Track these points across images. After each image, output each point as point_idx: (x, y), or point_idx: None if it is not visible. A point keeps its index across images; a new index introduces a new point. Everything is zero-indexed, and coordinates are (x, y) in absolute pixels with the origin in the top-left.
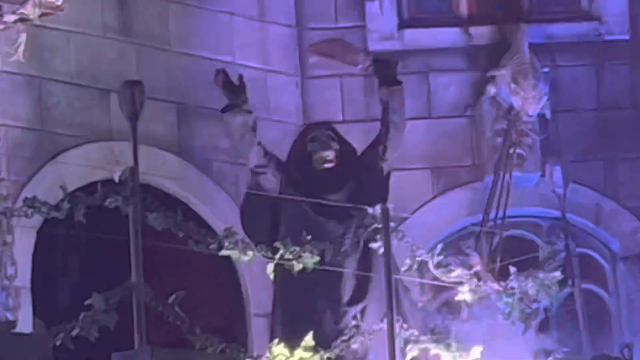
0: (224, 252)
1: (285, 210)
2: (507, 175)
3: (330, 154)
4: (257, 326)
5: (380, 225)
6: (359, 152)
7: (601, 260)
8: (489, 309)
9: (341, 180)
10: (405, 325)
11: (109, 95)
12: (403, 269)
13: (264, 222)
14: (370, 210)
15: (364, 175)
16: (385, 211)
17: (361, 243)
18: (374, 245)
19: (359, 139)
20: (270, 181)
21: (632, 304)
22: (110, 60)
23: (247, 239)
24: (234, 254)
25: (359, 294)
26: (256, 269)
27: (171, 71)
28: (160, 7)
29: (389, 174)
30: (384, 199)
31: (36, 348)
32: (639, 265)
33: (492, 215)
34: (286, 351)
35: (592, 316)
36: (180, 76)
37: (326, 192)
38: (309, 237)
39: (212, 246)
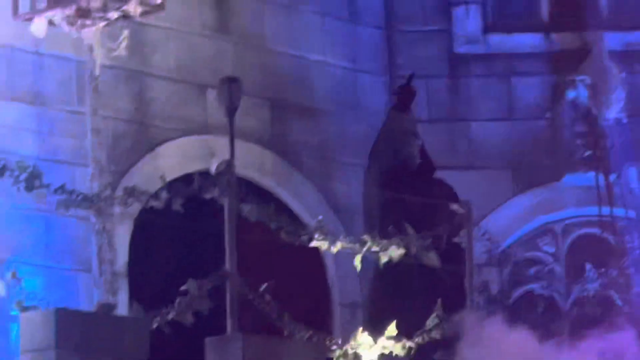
0: (314, 244)
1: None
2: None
3: (414, 149)
4: (342, 315)
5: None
6: None
7: None
8: None
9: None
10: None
11: (205, 91)
12: (483, 262)
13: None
14: (454, 206)
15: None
16: (468, 207)
17: (444, 238)
18: (456, 239)
19: (442, 137)
20: None
21: None
22: (207, 57)
23: (336, 232)
24: (323, 245)
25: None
26: (342, 261)
27: (265, 68)
28: (256, 7)
29: None
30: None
31: (134, 330)
32: None
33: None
34: (370, 339)
35: None
36: (274, 73)
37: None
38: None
39: (303, 237)
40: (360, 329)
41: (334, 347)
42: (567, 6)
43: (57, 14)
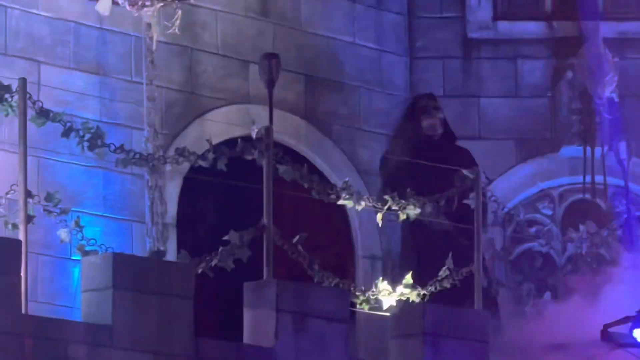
0: (341, 202)
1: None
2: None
3: (436, 122)
4: (365, 266)
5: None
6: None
7: None
8: None
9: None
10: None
11: (248, 66)
12: (490, 223)
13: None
14: (465, 171)
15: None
16: (477, 172)
17: (456, 200)
18: (467, 201)
19: (455, 111)
20: None
21: None
22: (250, 36)
23: (361, 191)
24: (349, 203)
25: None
26: (365, 217)
27: (301, 47)
28: None
29: None
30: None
31: (181, 274)
32: None
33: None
34: (389, 287)
35: None
36: (308, 52)
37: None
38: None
39: (332, 196)
40: (381, 278)
41: (358, 293)
42: None
43: None
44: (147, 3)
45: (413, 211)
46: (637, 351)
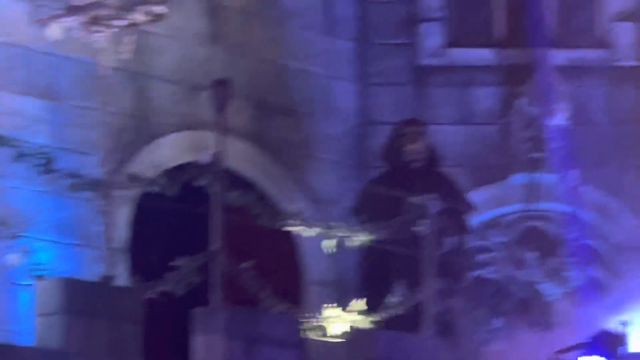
0: (290, 228)
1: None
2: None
3: (419, 147)
4: (313, 292)
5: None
6: None
7: (604, 250)
8: None
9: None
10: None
11: (198, 91)
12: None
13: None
14: (415, 199)
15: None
16: (428, 199)
17: (409, 227)
18: (418, 228)
19: None
20: None
21: (627, 288)
22: (201, 62)
23: (311, 218)
24: (299, 229)
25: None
26: (314, 243)
27: (252, 74)
28: (245, 19)
29: None
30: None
31: (131, 300)
32: (636, 256)
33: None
34: (339, 313)
35: (595, 297)
36: (259, 78)
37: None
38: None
39: (281, 222)
40: (330, 304)
41: (307, 319)
42: (519, 25)
43: (73, 21)
44: (100, 29)
45: (365, 237)
46: None
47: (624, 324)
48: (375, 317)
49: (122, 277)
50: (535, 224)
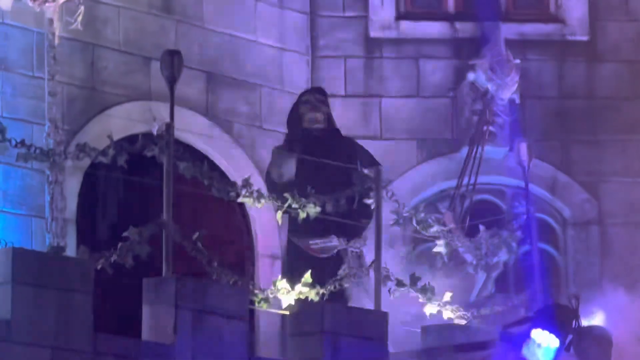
0: (241, 200)
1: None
2: (479, 149)
3: (319, 116)
4: (264, 264)
5: (373, 184)
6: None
7: (554, 225)
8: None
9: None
10: (390, 271)
11: (150, 62)
12: (390, 222)
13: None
14: (365, 170)
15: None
16: (378, 171)
17: (356, 198)
18: (367, 201)
19: (357, 110)
20: None
21: (577, 264)
22: (152, 33)
23: (262, 189)
24: (249, 201)
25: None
26: (265, 215)
27: (203, 44)
28: None
29: None
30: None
31: (81, 270)
32: (585, 231)
33: (465, 181)
34: (288, 286)
35: (544, 271)
36: (210, 49)
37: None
38: (313, 191)
39: (232, 194)
40: (280, 276)
41: (257, 291)
42: None
43: None
44: None
45: (313, 209)
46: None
47: (576, 298)
48: (323, 290)
49: (71, 247)
50: (485, 197)
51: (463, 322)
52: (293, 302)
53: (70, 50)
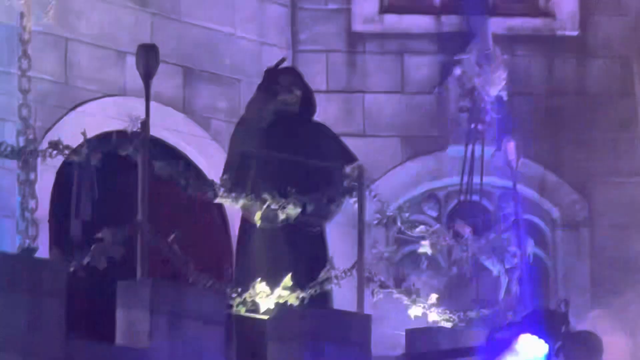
0: (218, 200)
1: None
2: (470, 147)
3: (292, 98)
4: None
5: (355, 183)
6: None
7: (543, 226)
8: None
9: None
10: (373, 272)
11: (125, 57)
12: (374, 222)
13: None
14: (347, 169)
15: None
16: (360, 170)
17: (340, 199)
18: (349, 200)
19: (339, 106)
20: None
21: (567, 267)
22: (127, 26)
23: (239, 189)
24: (226, 201)
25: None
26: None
27: (180, 38)
28: None
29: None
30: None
31: (53, 273)
32: (575, 233)
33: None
34: (267, 289)
35: (532, 275)
36: (187, 43)
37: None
38: (293, 190)
39: (209, 194)
40: (259, 279)
41: (234, 295)
42: None
43: None
44: None
45: (293, 211)
46: None
47: (566, 302)
48: (303, 294)
49: (43, 249)
50: (472, 198)
51: (449, 325)
52: (272, 306)
53: (42, 45)
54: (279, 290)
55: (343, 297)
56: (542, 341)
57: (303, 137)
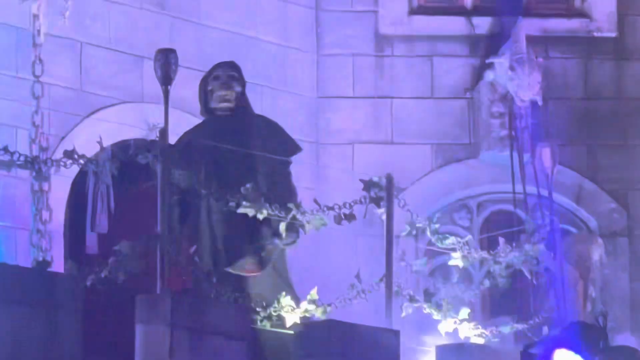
0: (241, 210)
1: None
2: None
3: (229, 94)
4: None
5: (383, 193)
6: None
7: None
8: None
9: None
10: (401, 285)
11: (142, 61)
12: (403, 234)
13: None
14: (375, 178)
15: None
16: (389, 179)
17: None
18: (377, 210)
19: (366, 113)
20: None
21: (605, 278)
22: (145, 30)
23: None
24: (250, 211)
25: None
26: None
27: (200, 42)
28: None
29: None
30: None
31: (69, 287)
32: (613, 243)
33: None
34: (292, 303)
35: (569, 287)
36: (207, 47)
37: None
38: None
39: (231, 204)
40: (284, 293)
41: (259, 309)
42: None
43: None
44: None
45: (320, 222)
46: None
47: (604, 315)
48: (330, 307)
49: (58, 262)
50: (505, 208)
51: (481, 341)
52: (298, 321)
53: (57, 49)
54: (304, 304)
55: (368, 310)
56: (578, 357)
57: (243, 132)
